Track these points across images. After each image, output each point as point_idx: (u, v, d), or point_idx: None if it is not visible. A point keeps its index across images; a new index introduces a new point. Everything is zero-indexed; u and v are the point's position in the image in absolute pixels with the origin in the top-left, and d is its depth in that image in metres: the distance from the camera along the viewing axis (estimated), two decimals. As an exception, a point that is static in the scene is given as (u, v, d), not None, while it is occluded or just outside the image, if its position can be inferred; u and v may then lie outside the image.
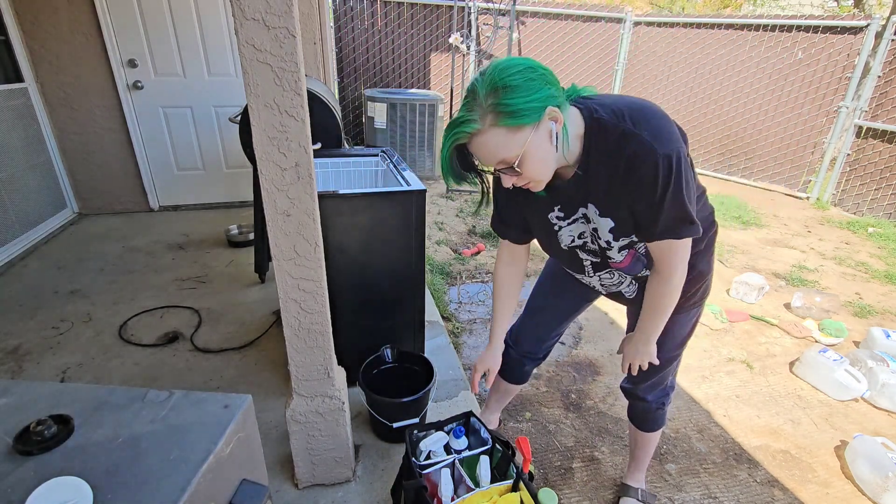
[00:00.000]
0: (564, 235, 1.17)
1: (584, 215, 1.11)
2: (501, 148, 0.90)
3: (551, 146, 0.92)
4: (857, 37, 4.58)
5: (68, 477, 0.66)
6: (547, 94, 0.88)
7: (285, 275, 1.25)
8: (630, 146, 0.92)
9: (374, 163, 2.25)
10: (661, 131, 0.91)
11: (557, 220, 1.15)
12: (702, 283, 1.23)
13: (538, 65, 0.90)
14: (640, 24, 6.00)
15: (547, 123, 0.90)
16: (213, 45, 3.63)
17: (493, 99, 0.86)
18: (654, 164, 0.91)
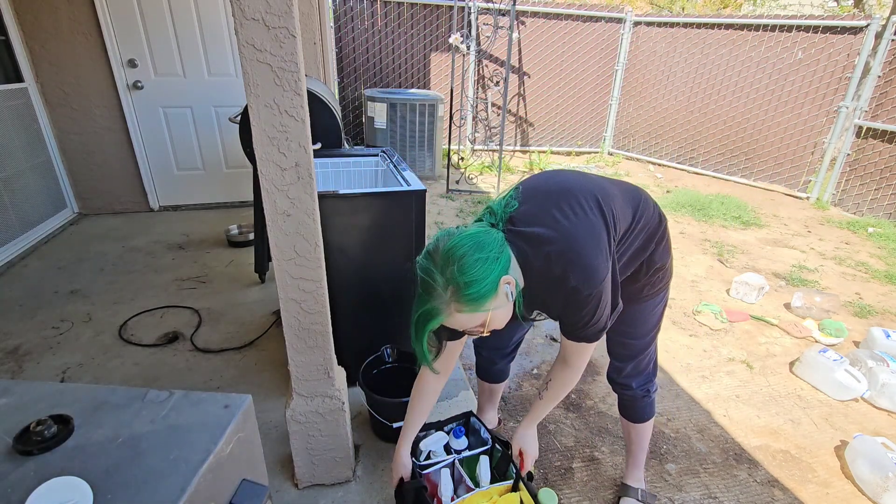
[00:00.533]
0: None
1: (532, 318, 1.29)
2: (468, 322, 1.01)
3: (508, 301, 1.03)
4: (857, 37, 4.58)
5: (68, 477, 0.66)
6: (499, 272, 0.98)
7: (285, 275, 1.25)
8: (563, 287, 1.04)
9: (374, 163, 2.25)
10: (585, 272, 1.02)
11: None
12: (661, 273, 1.32)
13: (484, 240, 0.98)
14: (640, 24, 6.00)
15: (503, 289, 1.00)
16: (213, 45, 3.63)
17: (454, 293, 0.96)
18: (585, 300, 1.04)
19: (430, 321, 1.00)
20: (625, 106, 6.43)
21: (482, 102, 6.13)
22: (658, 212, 1.27)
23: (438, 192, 4.90)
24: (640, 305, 1.35)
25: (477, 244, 0.97)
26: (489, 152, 6.11)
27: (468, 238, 0.98)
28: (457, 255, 0.95)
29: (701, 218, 4.47)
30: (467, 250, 0.96)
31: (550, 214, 1.05)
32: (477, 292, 0.95)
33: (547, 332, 2.63)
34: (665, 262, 1.30)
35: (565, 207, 1.06)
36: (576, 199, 1.08)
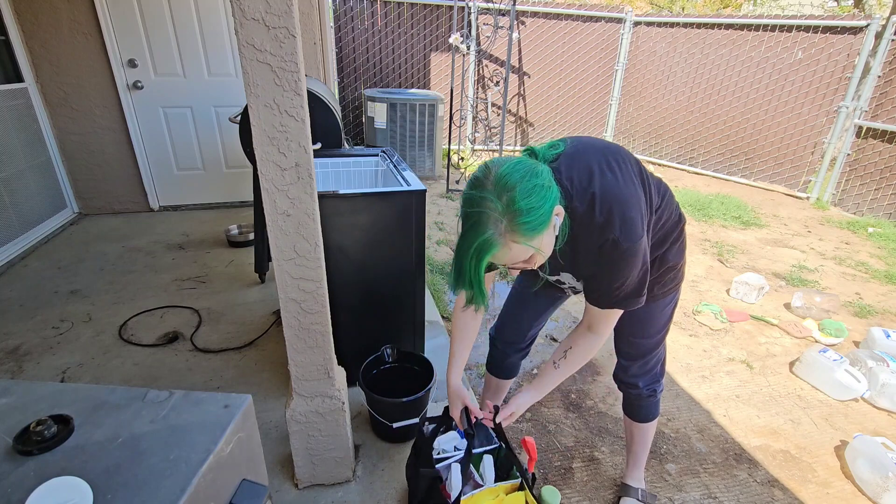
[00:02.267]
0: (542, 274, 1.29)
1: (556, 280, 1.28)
2: (520, 255, 0.95)
3: (554, 234, 0.99)
4: (857, 37, 4.58)
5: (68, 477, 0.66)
6: (553, 201, 0.93)
7: (285, 275, 1.25)
8: (602, 237, 1.02)
9: (374, 163, 2.25)
10: (626, 224, 1.00)
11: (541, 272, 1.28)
12: (673, 272, 1.31)
13: (537, 169, 0.93)
14: (640, 24, 6.00)
15: (553, 220, 0.96)
16: (213, 45, 3.63)
17: (511, 220, 0.89)
18: (622, 254, 1.02)
19: (487, 252, 0.90)
20: (625, 106, 6.43)
21: (482, 102, 6.13)
22: (679, 210, 1.26)
23: (438, 192, 4.90)
24: (649, 305, 1.32)
25: (531, 171, 0.92)
26: (489, 152, 6.11)
27: (521, 164, 0.93)
28: (513, 181, 0.89)
29: (701, 218, 4.48)
30: (523, 175, 0.90)
31: (596, 163, 1.03)
32: (534, 220, 0.90)
33: (548, 332, 2.63)
34: (678, 262, 1.30)
35: (612, 162, 1.04)
36: (622, 158, 1.06)
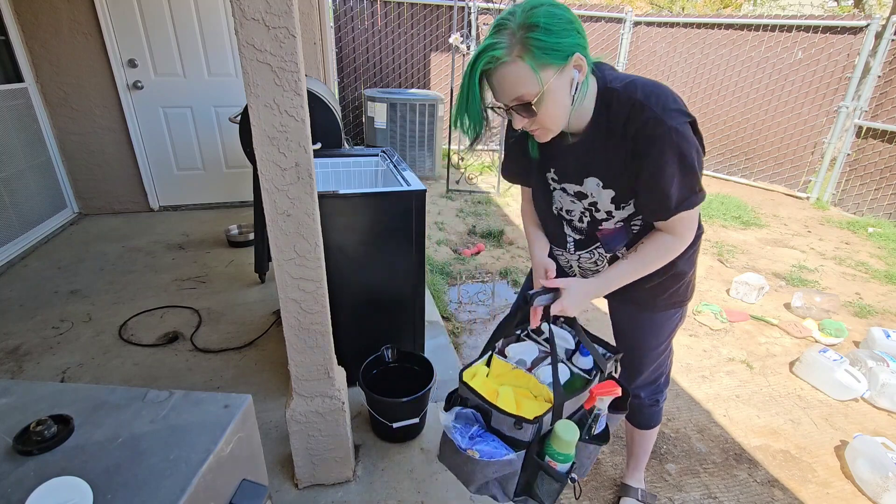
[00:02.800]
0: (557, 197, 1.18)
1: (576, 193, 1.11)
2: (523, 83, 0.88)
3: (569, 96, 0.92)
4: (857, 37, 4.58)
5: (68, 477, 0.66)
6: (577, 42, 0.89)
7: (285, 275, 1.25)
8: (641, 117, 0.93)
9: (374, 163, 2.25)
10: (669, 105, 0.92)
11: (552, 181, 1.16)
12: (680, 284, 1.23)
13: (574, 16, 0.90)
14: (640, 24, 6.00)
15: (571, 70, 0.90)
16: (213, 45, 3.63)
17: (526, 32, 0.85)
18: (665, 135, 0.91)
19: (491, 52, 0.86)
20: (625, 106, 6.43)
21: (482, 102, 6.12)
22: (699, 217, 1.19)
23: (438, 192, 4.90)
24: (653, 315, 1.27)
25: (568, 16, 0.89)
26: (489, 152, 6.11)
27: (561, 6, 0.89)
28: (545, 4, 0.87)
29: (701, 218, 4.47)
30: (558, 8, 0.88)
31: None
32: (548, 42, 0.85)
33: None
34: (686, 271, 1.22)
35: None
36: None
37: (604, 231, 1.14)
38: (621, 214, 1.09)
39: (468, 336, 2.54)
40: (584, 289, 1.09)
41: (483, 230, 3.91)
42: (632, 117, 0.94)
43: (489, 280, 3.17)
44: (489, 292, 3.03)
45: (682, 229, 1.05)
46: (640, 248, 1.08)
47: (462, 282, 3.14)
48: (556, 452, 1.02)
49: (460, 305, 2.85)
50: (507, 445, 1.03)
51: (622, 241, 1.14)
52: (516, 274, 3.22)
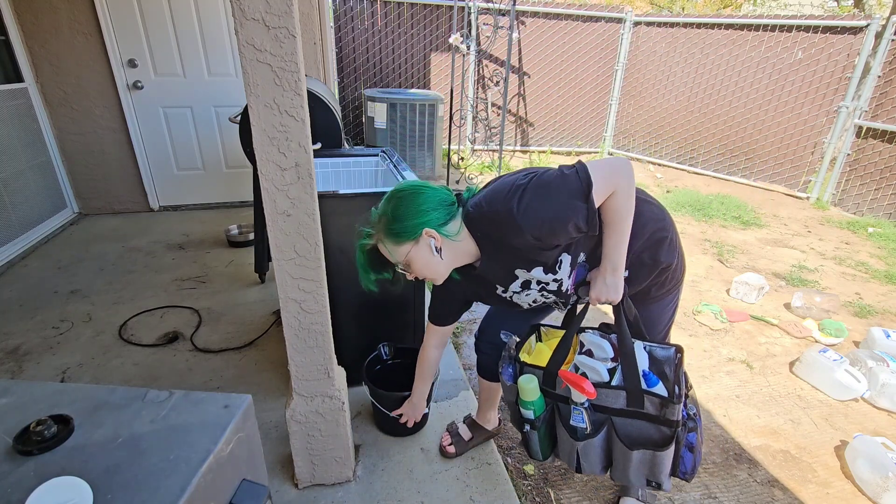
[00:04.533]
0: (520, 301, 1.33)
1: (522, 284, 1.25)
2: (391, 254, 1.18)
3: (433, 255, 1.16)
4: (857, 37, 4.58)
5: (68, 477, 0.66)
6: (424, 221, 1.13)
7: (285, 275, 1.25)
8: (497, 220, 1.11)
9: (374, 163, 2.25)
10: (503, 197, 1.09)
11: (503, 294, 1.32)
12: (667, 274, 1.29)
13: (426, 194, 1.15)
14: (640, 24, 6.00)
15: (426, 239, 1.14)
16: (213, 45, 3.63)
17: (382, 224, 1.16)
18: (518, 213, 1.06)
19: (362, 240, 1.20)
20: (625, 106, 6.43)
21: (482, 102, 6.13)
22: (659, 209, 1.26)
23: (438, 192, 4.90)
24: (650, 306, 1.34)
25: (416, 192, 1.16)
26: (489, 152, 6.11)
27: (413, 185, 1.18)
28: (395, 195, 1.16)
29: (701, 218, 4.48)
30: (405, 194, 1.15)
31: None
32: (397, 229, 1.13)
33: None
34: (671, 262, 1.27)
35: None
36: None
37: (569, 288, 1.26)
38: (564, 272, 1.20)
39: (468, 336, 2.54)
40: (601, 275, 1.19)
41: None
42: (495, 224, 1.12)
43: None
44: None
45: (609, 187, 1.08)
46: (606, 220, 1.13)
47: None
48: (522, 400, 1.28)
49: (460, 305, 2.85)
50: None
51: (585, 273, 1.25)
52: (516, 274, 3.21)
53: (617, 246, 1.15)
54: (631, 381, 1.17)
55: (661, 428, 1.17)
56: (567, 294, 1.26)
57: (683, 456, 1.21)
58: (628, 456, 1.20)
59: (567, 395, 1.24)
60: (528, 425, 1.30)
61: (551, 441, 1.35)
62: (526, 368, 1.28)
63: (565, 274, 1.21)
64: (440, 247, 1.16)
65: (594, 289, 1.20)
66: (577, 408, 1.22)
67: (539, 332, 1.43)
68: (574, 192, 1.05)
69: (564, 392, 1.24)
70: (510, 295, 1.30)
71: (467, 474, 1.64)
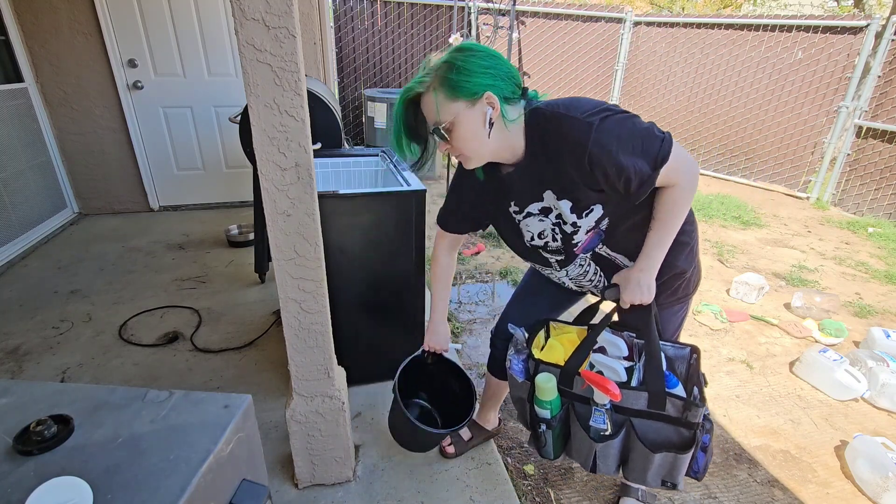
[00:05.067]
0: (525, 231, 1.24)
1: (541, 209, 1.16)
2: (436, 112, 1.04)
3: (483, 128, 1.04)
4: (857, 37, 4.58)
5: (68, 477, 0.66)
6: (489, 83, 1.01)
7: (285, 275, 1.25)
8: (563, 129, 1.02)
9: (374, 163, 2.25)
10: (589, 109, 1.01)
11: (514, 214, 1.22)
12: (681, 281, 1.25)
13: (500, 61, 1.04)
14: (640, 24, 5.99)
15: (483, 106, 1.03)
16: (213, 45, 3.63)
17: (441, 71, 1.02)
18: (586, 137, 0.98)
19: (412, 86, 1.06)
20: (625, 106, 6.40)
21: (482, 102, 6.12)
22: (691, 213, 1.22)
23: (438, 192, 4.90)
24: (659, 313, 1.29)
25: (491, 54, 1.04)
26: (489, 152, 6.10)
27: (487, 48, 1.05)
28: (468, 47, 1.03)
29: (701, 218, 4.47)
30: (479, 51, 1.03)
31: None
32: (458, 80, 1.00)
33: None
34: (686, 269, 1.24)
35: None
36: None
37: (578, 246, 1.19)
38: (587, 222, 1.13)
39: (468, 336, 2.54)
40: (636, 276, 1.13)
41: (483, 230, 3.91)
42: (562, 130, 1.02)
43: (489, 280, 3.17)
44: (489, 292, 3.03)
45: (675, 176, 1.05)
46: (657, 214, 1.10)
47: (462, 282, 3.14)
48: (536, 398, 1.22)
49: (460, 305, 2.85)
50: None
51: (597, 243, 1.19)
52: (516, 274, 3.22)
53: (659, 243, 1.10)
54: (654, 382, 1.14)
55: (680, 430, 1.14)
56: (572, 251, 1.19)
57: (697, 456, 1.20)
58: (649, 458, 1.16)
59: (586, 396, 1.19)
60: (543, 424, 1.24)
61: (563, 440, 1.31)
62: (542, 366, 1.23)
63: (586, 226, 1.13)
64: (493, 122, 1.04)
65: (627, 290, 1.13)
66: (598, 409, 1.17)
67: (548, 326, 1.39)
68: (649, 152, 1.00)
69: (584, 392, 1.19)
70: (521, 217, 1.21)
71: (467, 474, 1.64)
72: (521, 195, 1.17)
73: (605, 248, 1.19)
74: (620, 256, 1.21)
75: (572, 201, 1.10)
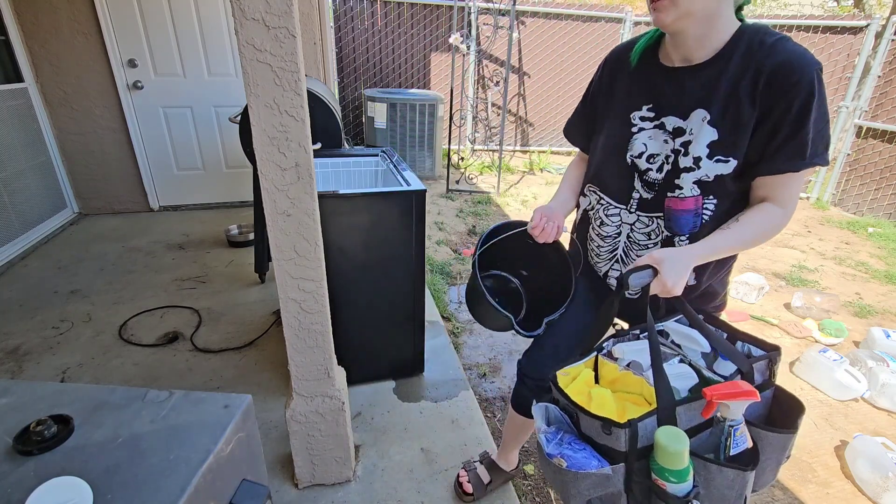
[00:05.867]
0: (637, 143, 1.04)
1: (675, 129, 0.99)
2: None
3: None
4: (857, 37, 4.59)
5: (68, 477, 0.66)
6: None
7: (285, 275, 1.25)
8: (783, 52, 0.88)
9: (374, 163, 2.25)
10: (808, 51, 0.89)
11: (641, 120, 1.04)
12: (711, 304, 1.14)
13: None
14: (640, 23, 5.99)
15: None
16: (213, 45, 3.63)
17: None
18: (809, 76, 0.86)
19: None
20: (625, 106, 6.42)
21: (482, 102, 6.13)
22: None
23: (438, 192, 4.90)
24: None
25: None
26: (489, 152, 6.10)
27: None
28: None
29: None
30: None
31: None
32: None
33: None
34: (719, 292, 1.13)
35: None
36: None
37: (673, 202, 1.01)
38: (707, 170, 0.96)
39: (468, 336, 2.54)
40: (684, 258, 0.94)
41: (483, 230, 3.91)
42: (773, 51, 0.88)
43: (489, 280, 3.17)
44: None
45: (788, 197, 0.95)
46: (742, 218, 0.97)
47: (462, 282, 3.14)
48: (661, 468, 0.80)
49: (460, 305, 2.85)
50: (601, 457, 0.85)
51: (687, 227, 1.02)
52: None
53: (727, 241, 0.96)
54: (739, 360, 0.93)
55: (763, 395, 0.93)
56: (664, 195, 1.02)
57: None
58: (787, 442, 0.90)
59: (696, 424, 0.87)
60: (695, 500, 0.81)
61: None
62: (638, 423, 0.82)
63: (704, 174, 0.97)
64: None
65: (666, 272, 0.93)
66: (738, 427, 0.84)
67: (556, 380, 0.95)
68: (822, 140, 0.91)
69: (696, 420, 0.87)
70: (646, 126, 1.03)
71: (467, 474, 1.64)
72: (669, 99, 1.00)
73: (685, 239, 1.03)
74: None
75: (719, 133, 0.94)
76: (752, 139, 0.92)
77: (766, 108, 0.90)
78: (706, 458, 0.83)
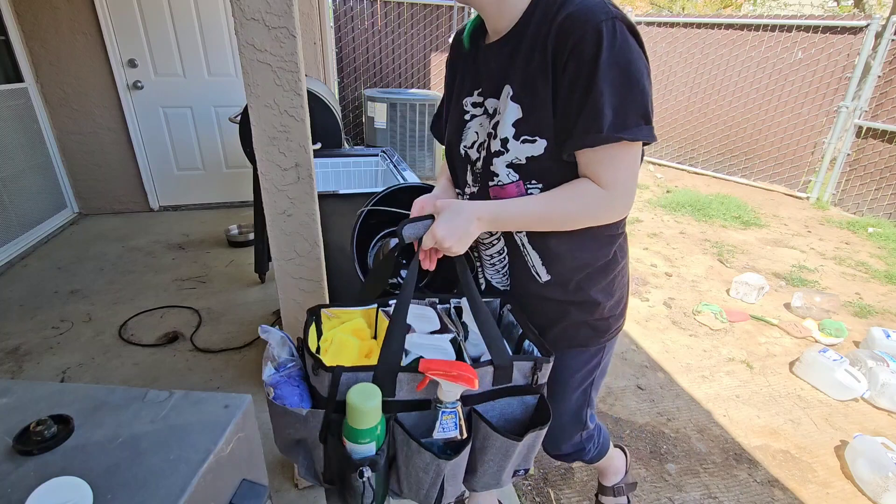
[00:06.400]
0: (470, 133, 0.95)
1: (494, 109, 0.89)
2: None
3: None
4: (857, 37, 4.58)
5: (68, 477, 0.66)
6: None
7: (285, 275, 1.25)
8: (570, 5, 0.75)
9: (374, 163, 2.26)
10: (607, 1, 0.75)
11: (473, 106, 0.94)
12: (588, 316, 0.97)
13: None
14: (640, 24, 5.99)
15: None
16: (213, 45, 3.63)
17: None
18: (595, 27, 0.72)
19: None
20: (625, 106, 6.42)
21: (482, 102, 6.13)
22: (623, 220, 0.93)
23: (438, 192, 4.90)
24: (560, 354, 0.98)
25: None
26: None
27: None
28: None
29: (701, 218, 4.48)
30: None
31: None
32: None
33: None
34: (600, 302, 0.96)
35: None
36: None
37: (494, 191, 0.91)
38: (516, 153, 0.84)
39: (468, 336, 2.54)
40: (465, 211, 0.83)
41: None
42: (565, 6, 0.76)
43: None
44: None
45: (609, 179, 0.79)
46: (553, 190, 0.85)
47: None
48: (347, 425, 0.77)
49: (460, 305, 2.85)
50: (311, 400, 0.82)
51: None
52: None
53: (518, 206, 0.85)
54: (496, 349, 0.85)
55: (525, 399, 0.88)
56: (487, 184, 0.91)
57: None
58: (510, 451, 0.86)
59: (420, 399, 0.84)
60: (366, 469, 0.78)
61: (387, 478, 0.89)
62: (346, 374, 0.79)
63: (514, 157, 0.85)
64: None
65: (438, 222, 0.83)
66: (447, 411, 0.81)
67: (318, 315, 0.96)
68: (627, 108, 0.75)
69: (418, 395, 0.84)
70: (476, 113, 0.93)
71: (467, 474, 1.64)
72: (486, 80, 0.90)
73: (523, 234, 0.93)
74: (535, 255, 0.94)
75: (522, 108, 0.83)
76: (557, 114, 0.80)
77: (556, 74, 0.77)
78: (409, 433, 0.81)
